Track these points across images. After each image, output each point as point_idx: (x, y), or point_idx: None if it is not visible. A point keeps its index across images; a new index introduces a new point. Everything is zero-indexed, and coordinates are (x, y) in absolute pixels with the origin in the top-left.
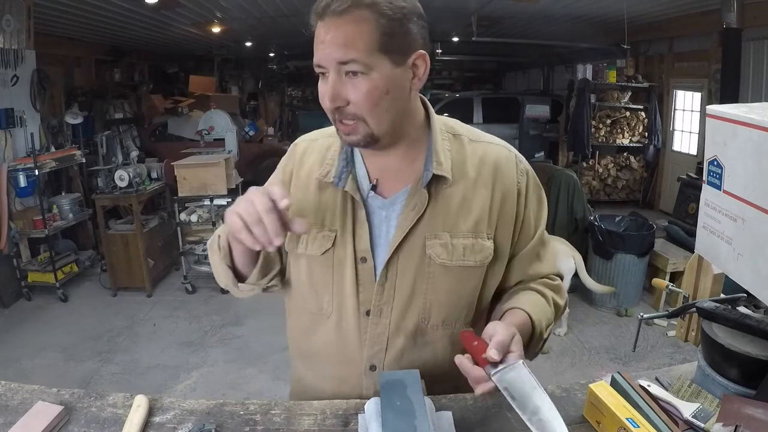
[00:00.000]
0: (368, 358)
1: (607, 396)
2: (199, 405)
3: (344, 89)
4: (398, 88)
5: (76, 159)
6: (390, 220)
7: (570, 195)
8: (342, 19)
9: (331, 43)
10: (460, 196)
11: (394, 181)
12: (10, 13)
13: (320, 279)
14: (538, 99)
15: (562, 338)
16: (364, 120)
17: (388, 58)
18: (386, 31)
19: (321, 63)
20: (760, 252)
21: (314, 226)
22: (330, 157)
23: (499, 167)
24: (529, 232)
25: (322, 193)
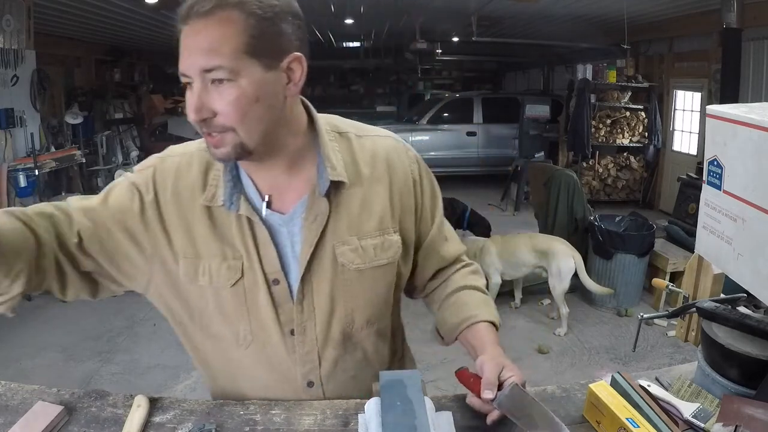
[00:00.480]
0: (303, 376)
1: (607, 396)
2: (199, 405)
3: (210, 99)
4: (270, 94)
5: (76, 159)
6: (293, 236)
7: (570, 195)
8: (206, 21)
9: (194, 49)
10: (359, 197)
11: (288, 194)
12: (10, 13)
13: (232, 310)
14: (538, 99)
15: (563, 338)
16: (233, 130)
17: (258, 61)
18: (255, 32)
19: (185, 72)
20: (760, 252)
21: (215, 257)
22: (213, 177)
23: (391, 160)
24: (429, 218)
25: (213, 220)
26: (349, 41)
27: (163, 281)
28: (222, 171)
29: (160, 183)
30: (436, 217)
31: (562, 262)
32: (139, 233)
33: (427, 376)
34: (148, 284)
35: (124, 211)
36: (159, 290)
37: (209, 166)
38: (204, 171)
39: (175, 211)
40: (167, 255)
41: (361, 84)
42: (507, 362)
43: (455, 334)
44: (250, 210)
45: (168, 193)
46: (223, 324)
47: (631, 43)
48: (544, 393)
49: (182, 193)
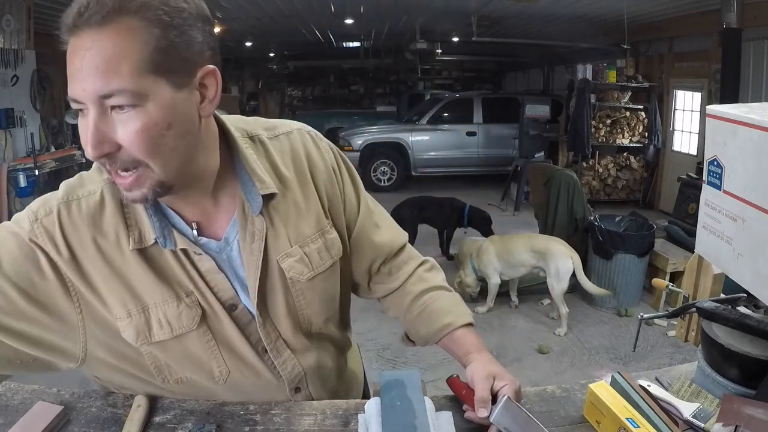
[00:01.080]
0: (289, 383)
1: (607, 396)
2: (199, 405)
3: (110, 130)
4: (184, 117)
5: (76, 159)
6: (233, 260)
7: (570, 195)
8: (99, 33)
9: (85, 69)
10: (291, 203)
11: (216, 217)
12: (10, 13)
13: (202, 352)
14: (538, 99)
15: (563, 338)
16: (145, 165)
17: (166, 80)
18: (161, 44)
19: (77, 98)
20: (760, 252)
21: (168, 302)
22: (132, 216)
23: (308, 153)
24: (355, 204)
25: (150, 263)
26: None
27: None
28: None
29: (73, 236)
30: (361, 203)
31: (561, 263)
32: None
33: (427, 376)
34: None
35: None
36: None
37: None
38: (119, 209)
39: (102, 266)
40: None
41: (361, 84)
42: (497, 369)
43: (431, 343)
44: (188, 242)
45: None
46: (193, 369)
47: (631, 43)
48: (544, 393)
49: (104, 243)
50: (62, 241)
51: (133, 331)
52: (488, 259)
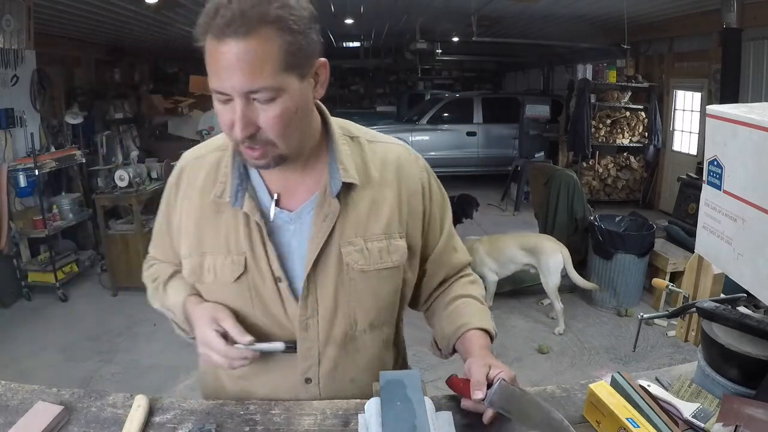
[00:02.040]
0: (302, 372)
1: (607, 396)
2: (199, 405)
3: (254, 115)
4: (305, 102)
5: (76, 159)
6: (300, 234)
7: (570, 195)
8: (246, 42)
9: (235, 70)
10: (368, 200)
11: (297, 192)
12: (10, 13)
13: (239, 304)
14: (538, 99)
15: (563, 338)
16: (274, 143)
17: (295, 74)
18: (292, 48)
19: (224, 91)
20: (760, 252)
21: (219, 253)
22: (222, 174)
23: (401, 166)
24: (438, 227)
25: (220, 215)
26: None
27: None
28: (230, 168)
29: (182, 184)
30: (445, 227)
31: (551, 259)
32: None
33: (427, 376)
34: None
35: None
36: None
37: (219, 162)
38: (215, 168)
39: (189, 206)
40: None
41: (361, 84)
42: (494, 361)
43: (451, 345)
44: (254, 208)
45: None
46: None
47: (631, 43)
48: (544, 393)
49: (195, 193)
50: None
51: (189, 269)
52: (480, 259)
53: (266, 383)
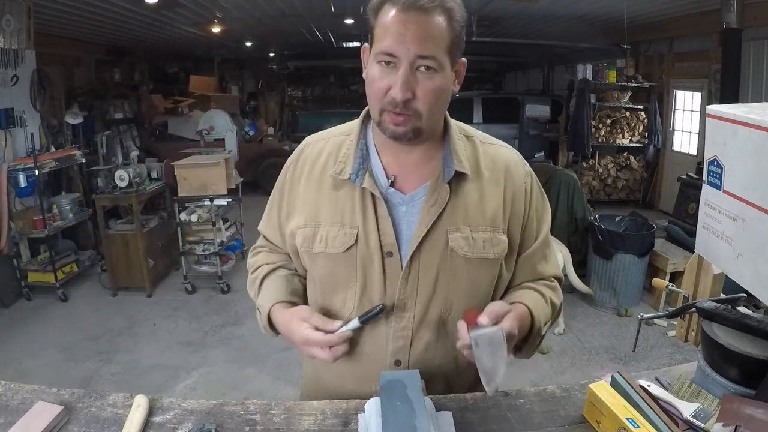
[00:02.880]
0: (393, 353)
1: (607, 396)
2: (199, 405)
3: (415, 82)
4: (448, 90)
5: (76, 159)
6: (411, 215)
7: (570, 195)
8: (426, 16)
9: (414, 35)
10: (477, 192)
11: (412, 177)
12: (10, 13)
13: (343, 276)
14: (538, 99)
15: (563, 338)
16: (420, 115)
17: (451, 60)
18: (454, 37)
19: (396, 53)
20: (760, 252)
21: (333, 225)
22: (343, 155)
23: (509, 168)
24: (534, 231)
25: (337, 191)
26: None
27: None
28: (353, 149)
29: (302, 162)
30: (542, 233)
31: None
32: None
33: None
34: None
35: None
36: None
37: (341, 145)
38: (336, 150)
39: (309, 181)
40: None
41: (361, 84)
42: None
43: None
44: (373, 185)
45: (306, 170)
46: (335, 291)
47: (631, 43)
48: (544, 393)
49: (315, 170)
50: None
51: (302, 238)
52: None
53: (356, 372)
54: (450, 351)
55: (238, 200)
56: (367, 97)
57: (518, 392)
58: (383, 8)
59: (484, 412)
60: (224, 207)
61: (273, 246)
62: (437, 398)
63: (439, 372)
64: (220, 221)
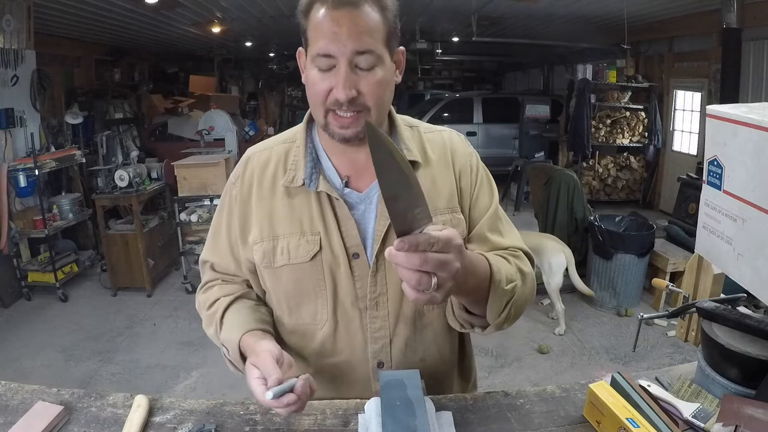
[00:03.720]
0: (373, 356)
1: (607, 396)
2: (199, 405)
3: (356, 80)
4: (392, 81)
5: (76, 159)
6: (369, 213)
7: (570, 195)
8: (358, 10)
9: (348, 32)
10: (429, 178)
11: (364, 175)
12: (10, 13)
13: (311, 286)
14: (538, 99)
15: (563, 338)
16: (369, 109)
17: (389, 52)
18: (389, 28)
19: (332, 52)
20: (760, 252)
21: (293, 235)
22: (292, 162)
23: (454, 148)
24: (482, 206)
25: (291, 199)
26: None
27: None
28: (301, 155)
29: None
30: (491, 206)
31: (553, 258)
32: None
33: None
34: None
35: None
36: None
37: (287, 153)
38: (283, 158)
39: (260, 195)
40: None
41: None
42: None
43: None
44: (329, 187)
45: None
46: (302, 304)
47: (631, 43)
48: (544, 393)
49: (265, 182)
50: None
51: (261, 253)
52: None
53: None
54: (430, 342)
55: None
56: (309, 101)
57: (518, 392)
58: (313, 8)
59: (484, 412)
60: None
61: (225, 276)
62: (437, 398)
63: (423, 366)
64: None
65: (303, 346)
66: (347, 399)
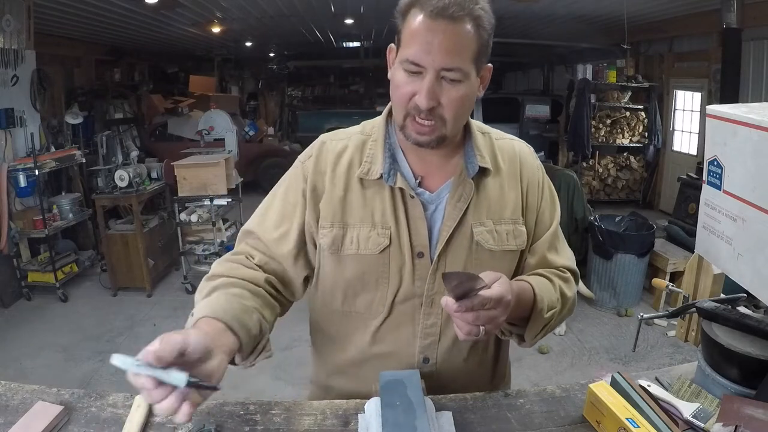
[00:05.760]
0: (421, 350)
1: (607, 396)
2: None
3: (440, 91)
4: (474, 96)
5: (76, 159)
6: (438, 213)
7: (570, 195)
8: (454, 26)
9: (441, 46)
10: (498, 187)
11: (437, 176)
12: (10, 13)
13: (373, 278)
14: (538, 99)
15: (563, 338)
16: (445, 121)
17: (475, 68)
18: (481, 45)
19: (422, 62)
20: (760, 252)
21: (364, 226)
22: (368, 155)
23: (524, 161)
24: (545, 223)
25: (365, 191)
26: (349, 41)
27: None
28: (379, 149)
29: (323, 159)
30: (553, 224)
31: None
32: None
33: None
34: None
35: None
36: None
37: (364, 145)
38: (360, 149)
39: (333, 181)
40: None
41: (361, 84)
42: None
43: None
44: (407, 184)
45: (328, 168)
46: (360, 294)
47: (631, 43)
48: (544, 393)
49: (339, 169)
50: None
51: (330, 239)
52: None
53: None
54: (475, 345)
55: (238, 200)
56: (392, 99)
57: (518, 392)
58: (411, 12)
59: (484, 412)
60: (224, 207)
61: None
62: (437, 398)
63: (465, 366)
64: (220, 221)
65: (350, 333)
66: (347, 399)
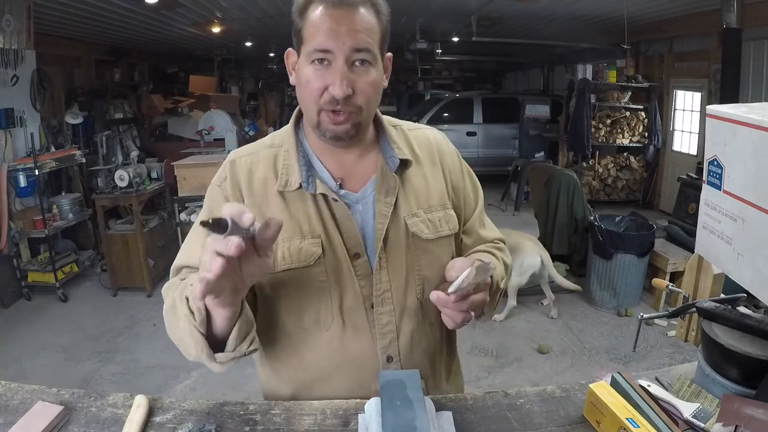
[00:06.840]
0: (383, 351)
1: (607, 396)
2: (199, 405)
3: (353, 77)
4: (382, 83)
5: (76, 159)
6: (366, 213)
7: (570, 195)
8: (356, 10)
9: (347, 29)
10: (421, 176)
11: (357, 175)
12: (10, 13)
13: (314, 290)
14: (538, 99)
15: (563, 338)
16: (360, 109)
17: (381, 54)
18: (383, 30)
19: (331, 48)
20: (760, 252)
21: (293, 239)
22: (282, 166)
23: (440, 147)
24: (471, 203)
25: (288, 203)
26: None
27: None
28: (293, 158)
29: (235, 179)
30: (478, 204)
31: (527, 259)
32: None
33: None
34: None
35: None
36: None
37: (276, 158)
38: (272, 163)
39: (252, 202)
40: None
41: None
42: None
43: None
44: (327, 189)
45: (243, 187)
46: (305, 308)
47: (631, 43)
48: (544, 393)
49: (255, 186)
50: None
51: None
52: None
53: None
54: (430, 331)
55: None
56: (301, 100)
57: (518, 392)
58: (310, 7)
59: (484, 412)
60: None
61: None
62: (437, 398)
63: (426, 356)
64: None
65: (307, 350)
66: (349, 399)
